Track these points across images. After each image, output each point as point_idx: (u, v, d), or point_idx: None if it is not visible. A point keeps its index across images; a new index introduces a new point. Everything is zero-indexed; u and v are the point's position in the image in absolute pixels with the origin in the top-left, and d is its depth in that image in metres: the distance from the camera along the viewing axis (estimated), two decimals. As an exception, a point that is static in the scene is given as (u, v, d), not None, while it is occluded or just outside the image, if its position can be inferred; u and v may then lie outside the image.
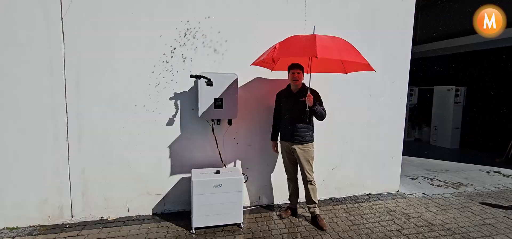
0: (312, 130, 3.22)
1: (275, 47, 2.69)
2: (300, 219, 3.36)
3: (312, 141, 3.20)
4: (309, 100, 2.94)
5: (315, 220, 3.22)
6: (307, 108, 2.99)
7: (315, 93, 3.14)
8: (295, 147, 3.14)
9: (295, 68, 3.09)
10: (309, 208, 3.28)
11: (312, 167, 3.20)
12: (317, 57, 2.40)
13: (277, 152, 3.47)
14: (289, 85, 3.24)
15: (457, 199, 4.17)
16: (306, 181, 3.21)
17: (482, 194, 4.44)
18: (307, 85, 3.02)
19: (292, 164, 3.33)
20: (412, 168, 5.77)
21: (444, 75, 8.72)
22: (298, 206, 3.53)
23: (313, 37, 2.60)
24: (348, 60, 2.82)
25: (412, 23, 4.16)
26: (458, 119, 8.07)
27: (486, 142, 7.60)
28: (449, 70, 8.62)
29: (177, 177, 3.43)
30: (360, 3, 3.85)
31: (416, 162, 6.30)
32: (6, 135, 2.93)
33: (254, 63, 3.10)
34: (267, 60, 2.97)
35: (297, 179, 3.40)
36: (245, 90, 3.36)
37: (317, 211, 3.25)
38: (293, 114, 3.12)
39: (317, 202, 3.25)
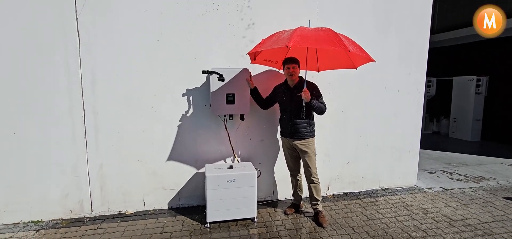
0: (313, 124, 3.15)
1: (260, 42, 2.78)
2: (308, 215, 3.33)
3: (313, 136, 3.13)
4: (305, 95, 2.85)
5: (316, 216, 3.19)
6: (304, 104, 2.91)
7: (313, 87, 3.05)
8: (296, 143, 3.08)
9: (290, 63, 2.99)
10: (312, 205, 3.25)
11: (315, 164, 3.14)
12: (287, 46, 2.36)
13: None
14: (286, 80, 3.15)
15: (478, 194, 4.01)
16: (309, 180, 3.16)
17: (505, 188, 4.25)
18: (304, 79, 2.94)
19: (294, 160, 3.29)
20: (430, 162, 5.59)
21: (464, 65, 8.35)
22: (302, 202, 3.47)
23: (295, 29, 2.56)
24: (326, 48, 2.72)
25: (430, 10, 3.98)
26: (480, 110, 7.72)
27: (510, 133, 7.24)
28: (470, 59, 8.24)
29: (191, 172, 3.47)
30: (374, -8, 3.73)
31: (434, 156, 6.10)
32: (29, 133, 3.05)
33: (255, 62, 3.14)
34: (252, 52, 2.97)
35: (300, 174, 3.36)
36: (256, 85, 3.33)
37: (320, 208, 3.21)
38: (291, 110, 3.05)
39: (320, 199, 3.20)
